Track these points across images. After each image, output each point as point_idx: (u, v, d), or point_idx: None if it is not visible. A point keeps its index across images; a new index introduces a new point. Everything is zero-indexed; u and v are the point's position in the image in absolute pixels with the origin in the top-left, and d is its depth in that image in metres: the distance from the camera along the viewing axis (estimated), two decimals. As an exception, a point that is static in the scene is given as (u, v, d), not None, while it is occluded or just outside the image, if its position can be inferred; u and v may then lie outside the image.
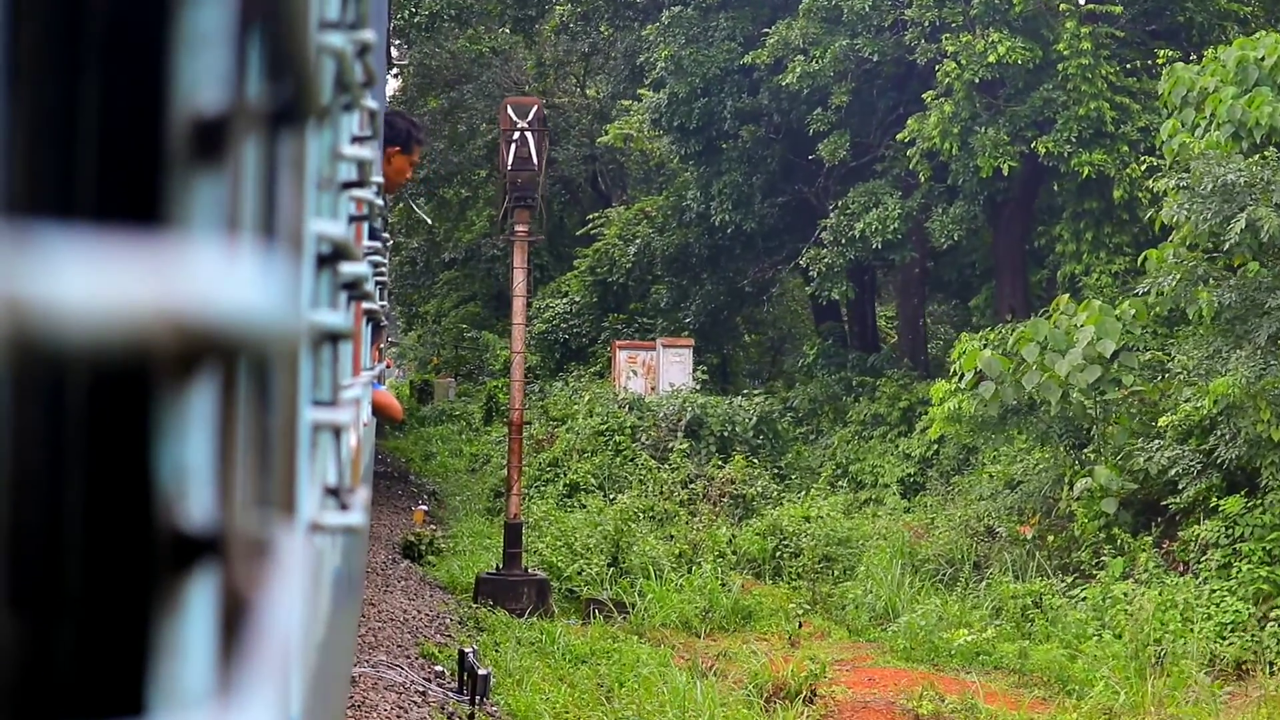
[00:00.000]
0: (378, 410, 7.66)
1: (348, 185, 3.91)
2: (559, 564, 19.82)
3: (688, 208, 35.08)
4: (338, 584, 4.12)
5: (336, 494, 3.12)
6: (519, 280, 19.72)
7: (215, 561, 1.11)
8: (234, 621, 1.22)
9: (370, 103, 4.12)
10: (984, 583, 19.01)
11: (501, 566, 18.78)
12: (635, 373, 31.95)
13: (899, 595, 18.90)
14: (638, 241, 37.44)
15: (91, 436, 1.01)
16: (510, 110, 19.54)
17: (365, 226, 5.33)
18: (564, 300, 39.90)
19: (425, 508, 25.92)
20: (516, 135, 19.31)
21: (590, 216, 41.20)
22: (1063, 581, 18.26)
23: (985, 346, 20.59)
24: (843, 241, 29.30)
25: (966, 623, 17.41)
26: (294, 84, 1.61)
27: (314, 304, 2.86)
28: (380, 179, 5.86)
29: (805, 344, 35.75)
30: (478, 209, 50.36)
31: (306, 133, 2.33)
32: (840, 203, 29.71)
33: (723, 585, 18.98)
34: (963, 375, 19.96)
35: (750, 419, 28.15)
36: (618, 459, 26.65)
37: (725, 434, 27.64)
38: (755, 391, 30.72)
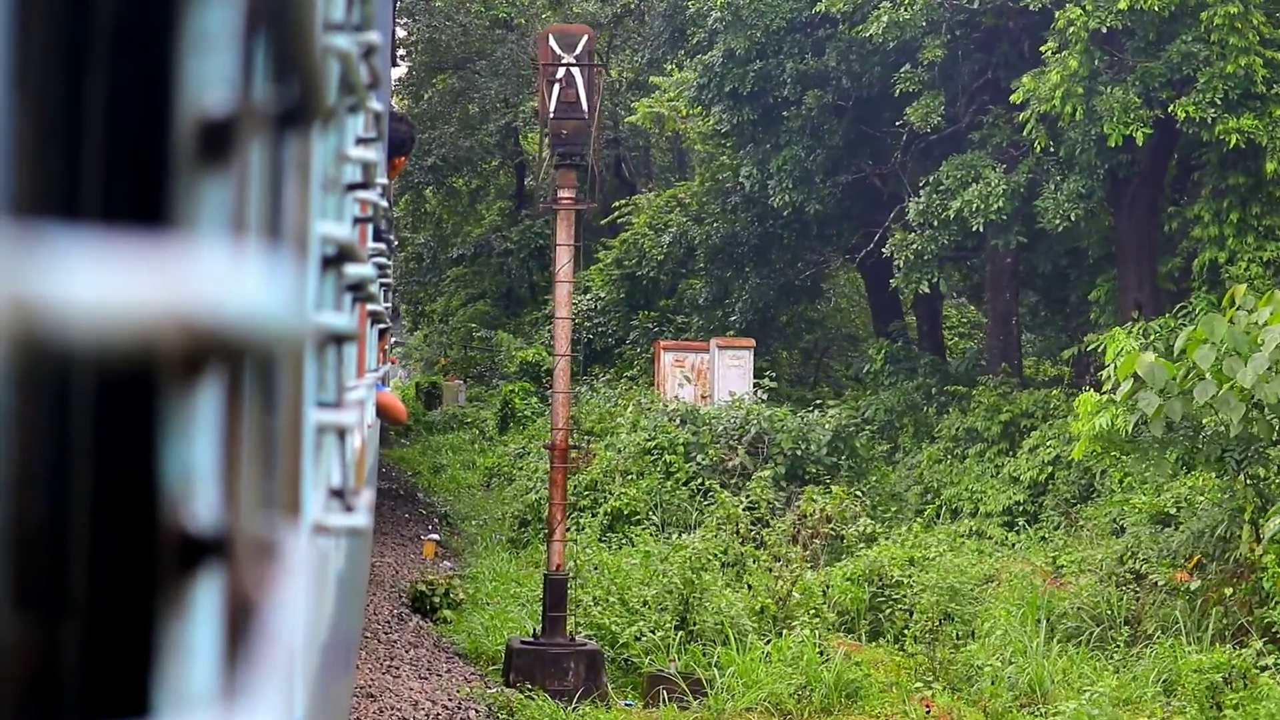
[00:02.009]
0: (381, 412, 7.66)
1: (353, 187, 3.91)
2: (611, 626, 16.03)
3: (738, 189, 30.85)
4: (340, 582, 4.13)
5: (341, 495, 3.12)
6: (563, 260, 15.84)
7: (221, 563, 1.11)
8: (239, 623, 1.22)
9: (375, 104, 4.12)
10: (1148, 647, 15.54)
11: (540, 633, 15.20)
12: (688, 379, 27.78)
13: (1046, 665, 15.10)
14: (672, 230, 33.81)
15: (98, 437, 1.02)
16: (553, 41, 15.54)
17: (370, 228, 5.33)
18: (587, 296, 36.10)
19: (436, 537, 22.88)
20: (561, 73, 15.36)
21: (616, 204, 37.38)
22: (1249, 647, 14.84)
23: (1144, 348, 16.71)
24: (934, 224, 24.87)
25: (1129, 700, 14.10)
26: (300, 86, 1.61)
27: (319, 306, 2.86)
28: (384, 181, 5.87)
29: (870, 347, 31.39)
30: (488, 201, 48.15)
31: (312, 135, 2.33)
32: (931, 178, 25.23)
33: (821, 654, 15.29)
34: (1116, 384, 16.25)
35: (824, 435, 23.60)
36: (669, 483, 22.62)
37: (798, 453, 23.16)
38: (830, 403, 25.84)
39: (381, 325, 7.03)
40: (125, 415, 1.02)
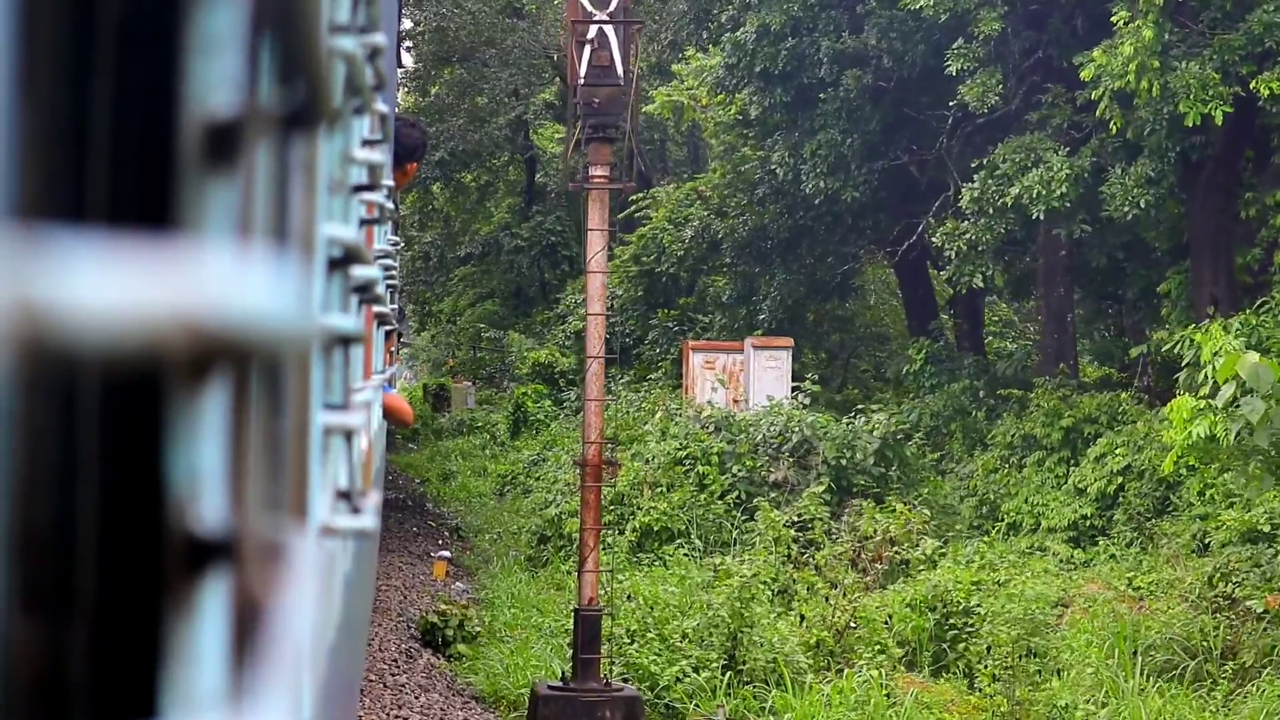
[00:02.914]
0: (388, 414, 7.66)
1: (358, 189, 3.91)
2: (650, 666, 14.28)
3: (767, 178, 28.88)
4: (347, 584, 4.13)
5: (348, 497, 3.12)
6: (595, 248, 14.00)
7: (228, 565, 1.11)
8: (246, 625, 1.22)
9: (381, 106, 4.12)
10: (1253, 684, 14.03)
11: (571, 676, 13.42)
12: (723, 383, 25.75)
13: (1142, 707, 13.47)
14: (693, 224, 32.14)
15: (105, 440, 1.02)
16: (582, -5, 13.66)
17: (376, 229, 5.33)
18: None
19: (447, 554, 20.90)
20: (592, 33, 13.59)
21: (633, 198, 35.39)
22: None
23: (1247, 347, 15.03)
24: (990, 212, 22.86)
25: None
26: (306, 88, 1.61)
27: (325, 308, 2.87)
28: (392, 183, 5.87)
29: (899, 346, 29.16)
30: (497, 199, 46.79)
31: (318, 136, 2.33)
32: (985, 162, 23.29)
33: (888, 696, 13.73)
34: (1216, 388, 14.42)
35: (871, 444, 21.59)
36: (703, 496, 20.79)
37: (843, 463, 21.20)
38: (872, 407, 23.73)
39: (388, 327, 7.03)
40: (132, 418, 1.02)
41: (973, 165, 24.25)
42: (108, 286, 0.73)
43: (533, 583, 19.12)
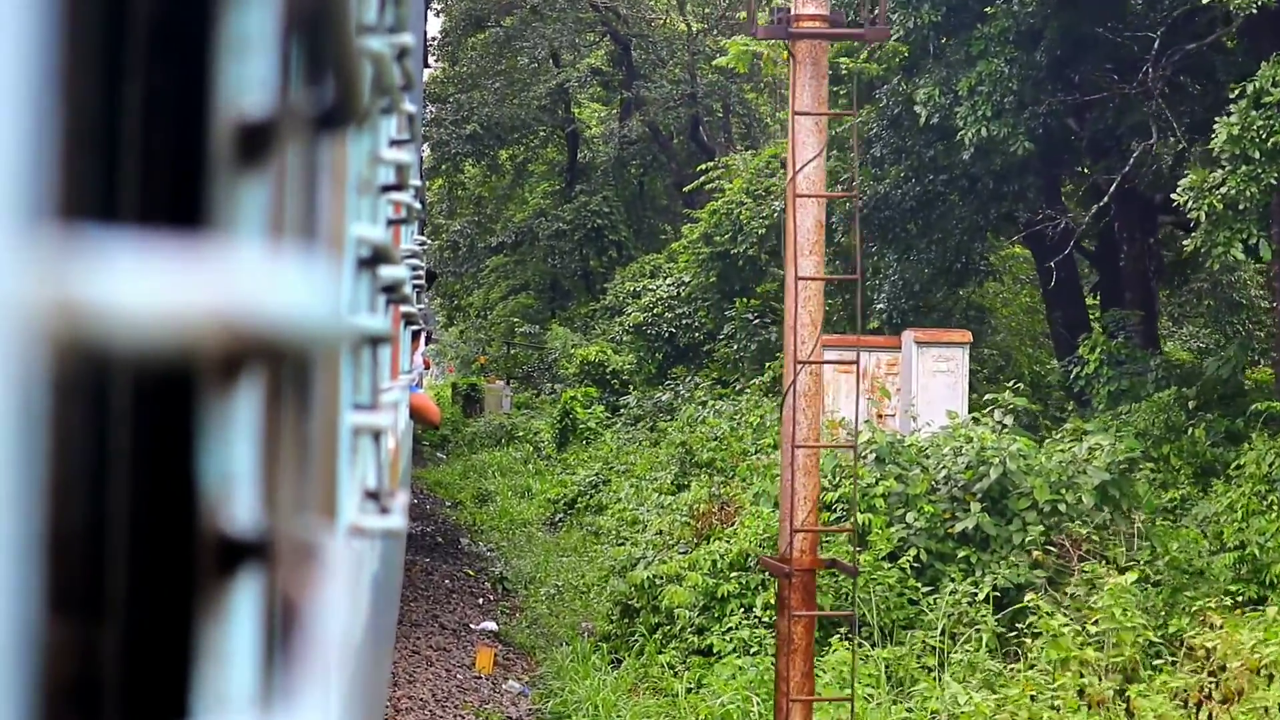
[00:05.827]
0: (415, 415, 7.68)
1: (386, 189, 3.92)
2: None
3: (888, 133, 23.03)
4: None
5: (376, 497, 3.13)
6: (807, 152, 8.94)
7: (260, 566, 1.11)
8: (278, 626, 1.22)
9: (408, 106, 4.12)
10: None
11: None
12: (886, 394, 19.71)
13: None
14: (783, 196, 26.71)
15: (138, 439, 1.02)
16: None
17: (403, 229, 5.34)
18: (668, 281, 30.32)
19: (494, 628, 16.02)
20: None
21: (702, 167, 30.26)
22: None
23: None
24: (1258, 156, 16.09)
25: None
26: (335, 88, 1.61)
27: (354, 308, 2.87)
28: (419, 182, 5.88)
29: (1082, 343, 21.32)
30: (533, 183, 43.58)
31: (347, 137, 2.34)
32: (1249, 88, 16.34)
33: None
34: None
35: (1092, 479, 15.47)
36: (865, 557, 14.60)
37: (1060, 508, 15.22)
38: (1086, 428, 17.96)
39: (416, 327, 7.04)
40: (165, 418, 1.02)
41: (1180, 105, 18.51)
42: (141, 286, 0.73)
43: (620, 683, 13.88)
